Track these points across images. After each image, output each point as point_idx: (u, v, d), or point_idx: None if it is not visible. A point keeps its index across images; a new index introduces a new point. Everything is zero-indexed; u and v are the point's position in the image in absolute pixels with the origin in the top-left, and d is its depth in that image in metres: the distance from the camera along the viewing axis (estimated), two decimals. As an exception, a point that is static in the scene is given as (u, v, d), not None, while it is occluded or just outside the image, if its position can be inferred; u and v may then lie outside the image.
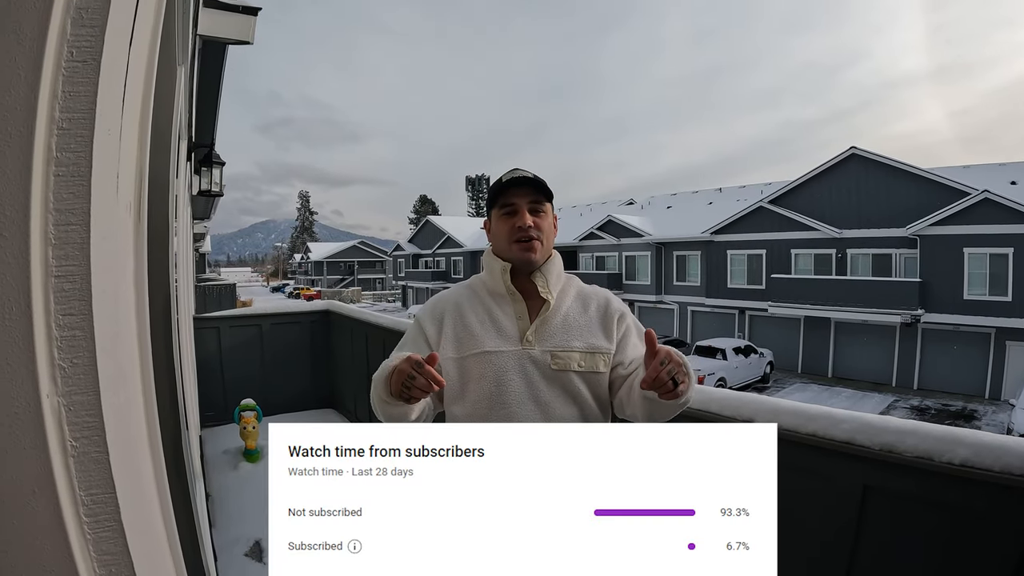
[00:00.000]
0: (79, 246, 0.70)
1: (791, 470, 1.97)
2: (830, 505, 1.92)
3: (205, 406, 5.83)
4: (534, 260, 1.57)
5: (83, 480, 0.72)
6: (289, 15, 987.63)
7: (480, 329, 1.57)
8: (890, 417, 1.91)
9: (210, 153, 5.76)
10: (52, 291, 0.69)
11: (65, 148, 0.69)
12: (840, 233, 23.14)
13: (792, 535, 1.89)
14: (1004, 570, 1.59)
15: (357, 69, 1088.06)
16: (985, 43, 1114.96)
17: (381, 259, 79.24)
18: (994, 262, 19.35)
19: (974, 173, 21.71)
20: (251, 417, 5.05)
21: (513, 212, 1.57)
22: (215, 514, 4.05)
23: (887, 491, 1.82)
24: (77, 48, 0.69)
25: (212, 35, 3.44)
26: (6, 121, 0.64)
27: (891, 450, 1.79)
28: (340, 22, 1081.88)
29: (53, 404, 0.69)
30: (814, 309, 22.98)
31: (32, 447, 0.68)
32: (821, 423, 1.96)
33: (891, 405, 19.54)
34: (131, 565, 0.77)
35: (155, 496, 0.92)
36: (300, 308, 7.01)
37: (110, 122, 0.74)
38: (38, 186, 0.66)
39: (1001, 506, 1.60)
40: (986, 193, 19.02)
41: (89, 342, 0.72)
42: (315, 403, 6.66)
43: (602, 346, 1.56)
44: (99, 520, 0.74)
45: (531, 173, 1.58)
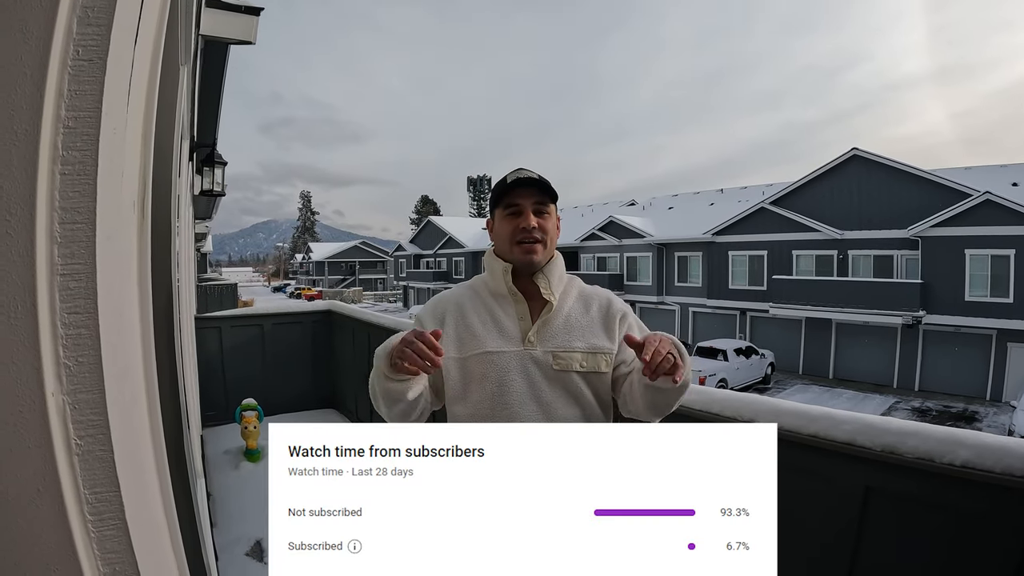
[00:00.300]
0: (85, 244, 0.70)
1: (793, 471, 1.97)
2: (831, 506, 1.92)
3: (206, 406, 5.83)
4: (536, 262, 1.57)
5: (87, 478, 0.73)
6: (290, 15, 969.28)
7: (482, 329, 1.56)
8: (891, 418, 1.91)
9: (212, 153, 5.76)
10: (57, 289, 0.69)
11: (71, 147, 0.69)
12: (841, 234, 23.13)
13: (793, 536, 1.89)
14: (1005, 571, 1.59)
15: (358, 69, 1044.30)
16: (986, 45, 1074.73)
17: (382, 259, 79.23)
18: (995, 264, 19.33)
19: (976, 175, 21.70)
20: (252, 417, 5.05)
21: (517, 213, 1.57)
22: (216, 514, 4.05)
23: (888, 492, 1.81)
24: (83, 47, 0.69)
25: (214, 35, 3.43)
26: (12, 120, 0.64)
27: (892, 451, 1.78)
28: (341, 22, 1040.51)
29: (58, 402, 0.69)
30: (815, 310, 22.96)
31: (37, 445, 0.68)
32: (822, 424, 1.96)
33: (892, 407, 19.51)
34: (135, 563, 0.78)
35: (158, 494, 0.93)
36: (302, 308, 7.02)
37: (116, 121, 0.74)
38: (44, 184, 0.66)
39: (1002, 507, 1.60)
40: (988, 195, 19.00)
41: (94, 340, 0.72)
42: (316, 403, 6.66)
43: (604, 346, 1.56)
44: (103, 518, 0.74)
45: (536, 174, 1.58)
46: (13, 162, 0.64)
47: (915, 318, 20.75)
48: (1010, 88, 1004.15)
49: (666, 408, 1.46)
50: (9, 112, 0.63)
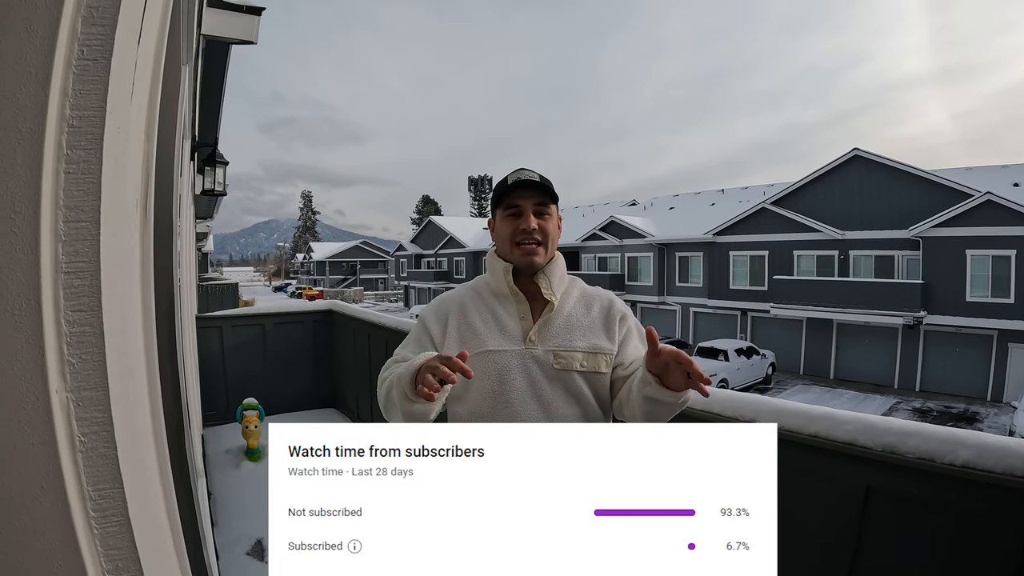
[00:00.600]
0: (89, 242, 0.71)
1: (794, 471, 1.97)
2: (832, 506, 1.92)
3: (207, 405, 5.84)
4: (536, 263, 1.57)
5: (91, 475, 0.73)
6: (291, 14, 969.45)
7: (484, 328, 1.57)
8: (892, 418, 1.91)
9: (213, 152, 5.76)
10: (62, 287, 0.69)
11: (76, 145, 0.69)
12: (842, 235, 23.11)
13: (794, 536, 1.89)
14: (1006, 571, 1.59)
15: (358, 69, 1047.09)
16: (988, 46, 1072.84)
17: (383, 259, 79.28)
18: (996, 264, 19.32)
19: (977, 175, 21.68)
20: (253, 416, 5.06)
21: (517, 214, 1.57)
22: (217, 513, 4.05)
23: (889, 492, 1.82)
24: (88, 46, 0.69)
25: (216, 35, 3.43)
26: (16, 118, 0.64)
27: (893, 451, 1.79)
28: (341, 22, 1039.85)
29: (62, 399, 0.70)
30: (816, 311, 22.94)
31: (40, 442, 0.68)
32: (824, 424, 1.96)
33: (893, 407, 19.50)
34: (137, 560, 0.78)
35: (160, 492, 0.93)
36: (303, 308, 7.02)
37: (120, 120, 0.74)
38: (48, 183, 0.66)
39: (1003, 507, 1.60)
40: (989, 195, 18.98)
41: (98, 338, 0.72)
42: (317, 403, 6.67)
43: (604, 347, 1.57)
44: (106, 515, 0.74)
45: (537, 175, 1.58)
46: (18, 160, 0.64)
47: (916, 318, 20.74)
48: (1012, 88, 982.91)
49: (663, 420, 1.45)
50: (14, 111, 0.64)
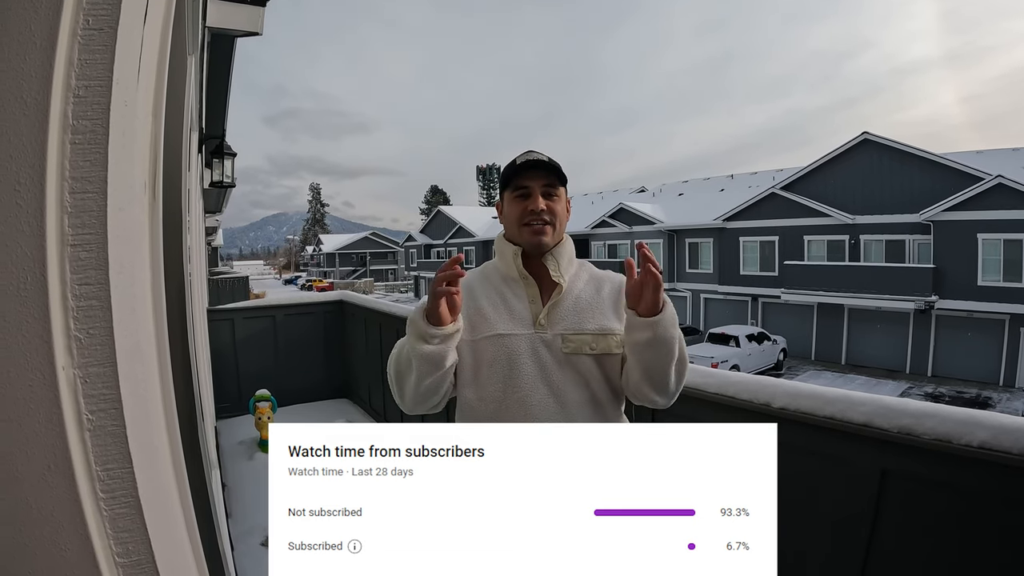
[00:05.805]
0: (96, 214, 0.69)
1: (809, 453, 1.95)
2: (848, 487, 1.91)
3: (220, 397, 5.87)
4: (545, 243, 1.56)
5: (99, 454, 0.72)
6: (295, 4, 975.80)
7: (493, 312, 1.56)
8: (909, 399, 1.89)
9: (221, 144, 5.76)
10: (68, 260, 0.68)
11: (82, 116, 0.68)
12: (853, 219, 22.97)
13: (810, 518, 1.88)
14: (1021, 553, 1.57)
15: (364, 59, 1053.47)
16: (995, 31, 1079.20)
17: (393, 250, 79.42)
18: (1008, 248, 19.15)
19: (987, 158, 21.47)
20: (266, 407, 5.08)
21: (526, 195, 1.56)
22: (231, 505, 4.07)
23: (905, 474, 1.80)
24: (93, 16, 0.68)
25: (221, 27, 3.42)
26: (20, 88, 0.63)
27: (909, 432, 1.77)
28: (347, 12, 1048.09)
29: (69, 376, 0.68)
30: (827, 296, 22.85)
31: (47, 420, 0.67)
32: (839, 406, 1.94)
33: (905, 392, 19.42)
34: (148, 544, 0.77)
35: (172, 475, 0.92)
36: (313, 299, 7.03)
37: (127, 93, 0.73)
38: (54, 154, 0.65)
39: (1020, 489, 1.59)
40: (1000, 178, 18.80)
41: (106, 312, 0.71)
42: (329, 393, 6.68)
43: (614, 328, 1.55)
44: (115, 496, 0.73)
45: (545, 156, 1.57)
46: (22, 131, 0.63)
47: (927, 303, 20.61)
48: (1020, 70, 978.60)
49: (660, 370, 1.45)
50: (18, 80, 0.62)
